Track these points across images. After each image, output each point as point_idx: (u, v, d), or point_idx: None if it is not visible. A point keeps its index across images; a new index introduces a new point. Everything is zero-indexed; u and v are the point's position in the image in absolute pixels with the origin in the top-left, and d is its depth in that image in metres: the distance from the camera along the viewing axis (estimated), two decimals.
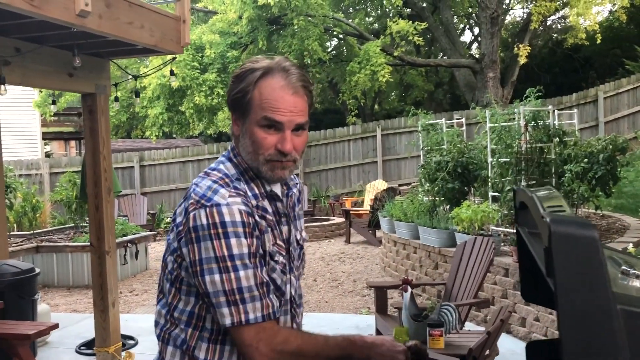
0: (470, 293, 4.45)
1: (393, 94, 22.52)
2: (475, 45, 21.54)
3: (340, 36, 15.81)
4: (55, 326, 4.06)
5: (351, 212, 10.83)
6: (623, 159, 6.37)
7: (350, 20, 16.82)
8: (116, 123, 14.85)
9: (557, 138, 6.08)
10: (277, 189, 1.49)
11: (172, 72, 5.08)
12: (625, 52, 17.37)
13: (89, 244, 4.81)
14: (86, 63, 4.25)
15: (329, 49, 16.52)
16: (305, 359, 1.36)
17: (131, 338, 5.21)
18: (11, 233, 9.23)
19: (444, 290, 4.93)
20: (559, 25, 21.08)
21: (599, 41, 14.11)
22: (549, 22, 20.34)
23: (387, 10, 18.38)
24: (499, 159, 6.24)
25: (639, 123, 14.57)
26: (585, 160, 5.86)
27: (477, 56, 17.47)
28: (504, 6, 17.06)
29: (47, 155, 18.68)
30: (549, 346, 1.59)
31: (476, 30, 20.84)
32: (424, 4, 18.07)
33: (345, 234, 10.78)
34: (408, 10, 17.80)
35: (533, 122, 5.96)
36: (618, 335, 0.78)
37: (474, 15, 19.94)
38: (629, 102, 14.62)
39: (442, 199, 7.19)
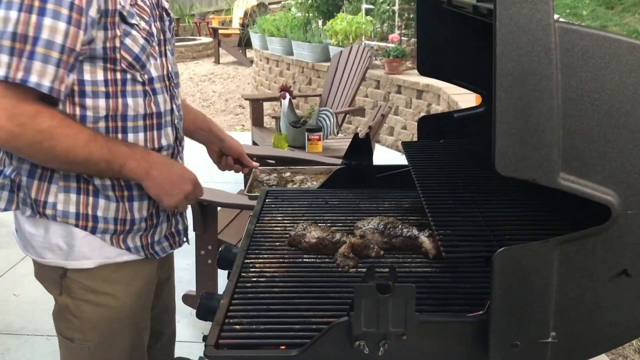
0: (346, 102, 4.51)
1: None
2: None
3: None
4: None
5: (219, 31, 10.24)
6: None
7: None
8: None
9: None
10: None
11: None
12: None
13: None
14: None
15: None
16: (54, 146, 1.07)
17: None
18: None
19: (318, 103, 4.95)
20: None
21: None
22: None
23: None
24: None
25: None
26: None
27: None
28: None
29: None
30: (438, 119, 1.63)
31: None
32: None
33: (214, 54, 10.31)
34: None
35: None
36: (553, 54, 0.73)
37: None
38: None
39: (316, 12, 6.97)
